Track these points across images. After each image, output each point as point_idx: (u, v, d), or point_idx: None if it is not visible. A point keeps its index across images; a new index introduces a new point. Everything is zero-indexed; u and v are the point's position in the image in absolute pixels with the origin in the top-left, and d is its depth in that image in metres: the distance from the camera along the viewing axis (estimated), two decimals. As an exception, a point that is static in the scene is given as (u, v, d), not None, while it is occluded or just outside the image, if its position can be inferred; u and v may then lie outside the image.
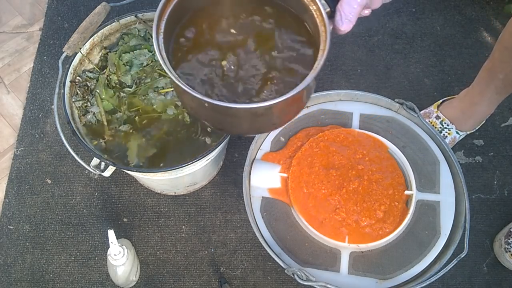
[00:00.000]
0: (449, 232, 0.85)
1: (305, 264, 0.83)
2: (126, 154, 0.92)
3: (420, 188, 0.88)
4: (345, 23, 0.54)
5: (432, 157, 0.91)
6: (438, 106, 1.19)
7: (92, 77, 0.96)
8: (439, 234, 0.85)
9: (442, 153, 0.91)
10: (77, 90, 0.94)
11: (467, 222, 0.82)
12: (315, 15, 0.58)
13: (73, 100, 0.93)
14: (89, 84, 0.95)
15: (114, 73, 0.96)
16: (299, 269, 0.78)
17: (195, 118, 0.88)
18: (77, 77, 0.94)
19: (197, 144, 0.93)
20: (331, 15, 0.55)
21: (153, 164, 0.91)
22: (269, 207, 0.88)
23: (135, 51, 0.97)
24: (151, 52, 0.98)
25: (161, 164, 0.91)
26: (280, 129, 0.95)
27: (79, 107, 0.94)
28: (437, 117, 1.14)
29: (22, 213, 1.16)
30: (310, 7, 0.58)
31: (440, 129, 1.13)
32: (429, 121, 1.13)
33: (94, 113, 0.93)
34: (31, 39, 1.39)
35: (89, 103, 0.94)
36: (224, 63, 0.61)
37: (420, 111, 1.08)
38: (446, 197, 0.87)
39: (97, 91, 0.94)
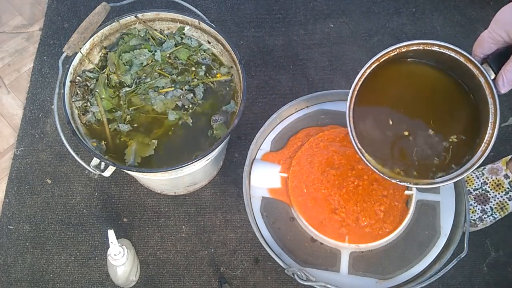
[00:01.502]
0: (449, 232, 0.85)
1: (305, 264, 0.83)
2: (124, 153, 0.92)
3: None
4: (507, 87, 0.57)
5: (432, 157, 0.91)
6: (507, 163, 1.09)
7: (92, 77, 0.96)
8: (439, 234, 0.85)
9: (442, 153, 0.91)
10: (77, 90, 0.94)
11: (467, 222, 0.82)
12: (484, 87, 0.62)
13: (73, 100, 0.93)
14: (89, 84, 0.95)
15: (114, 73, 0.96)
16: (299, 269, 0.78)
17: None
18: (77, 77, 0.94)
19: (196, 145, 0.93)
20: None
21: (149, 164, 0.91)
22: (269, 207, 0.88)
23: (135, 51, 0.97)
24: (151, 52, 0.98)
25: (158, 165, 0.91)
26: (280, 128, 0.95)
27: (79, 107, 0.94)
28: (506, 176, 1.06)
29: (22, 213, 1.16)
30: (478, 78, 0.62)
31: (507, 189, 1.05)
32: (495, 179, 1.08)
33: (94, 113, 0.93)
34: (31, 39, 1.39)
35: (89, 103, 0.94)
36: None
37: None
38: (446, 197, 0.87)
39: (97, 90, 0.94)
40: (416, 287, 0.79)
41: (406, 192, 0.86)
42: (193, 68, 0.99)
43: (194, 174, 1.01)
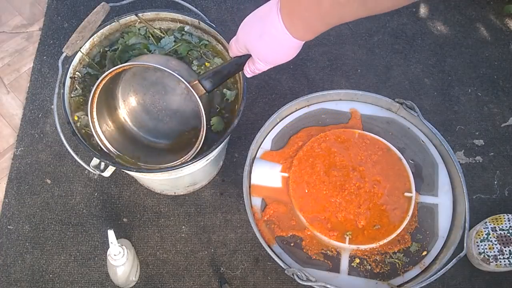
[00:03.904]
0: (448, 233, 0.85)
1: (305, 265, 0.83)
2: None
3: (420, 190, 0.88)
4: (250, 75, 0.69)
5: (431, 160, 0.91)
6: None
7: (92, 73, 0.95)
8: (437, 235, 0.85)
9: (442, 154, 0.91)
10: (76, 86, 0.94)
11: (466, 222, 0.82)
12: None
13: (72, 95, 0.93)
14: (88, 80, 0.95)
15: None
16: (299, 269, 0.78)
17: None
18: (77, 72, 0.94)
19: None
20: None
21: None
22: (269, 207, 0.88)
23: (134, 51, 0.96)
24: (150, 52, 0.97)
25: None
26: (281, 127, 0.95)
27: (79, 101, 0.93)
28: None
29: (22, 213, 1.16)
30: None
31: None
32: None
33: None
34: (31, 39, 1.39)
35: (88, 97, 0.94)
36: None
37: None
38: (444, 200, 0.87)
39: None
40: (416, 287, 0.79)
41: (406, 194, 0.86)
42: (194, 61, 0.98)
43: (194, 174, 1.01)
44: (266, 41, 0.57)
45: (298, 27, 0.52)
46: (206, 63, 0.97)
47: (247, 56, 0.67)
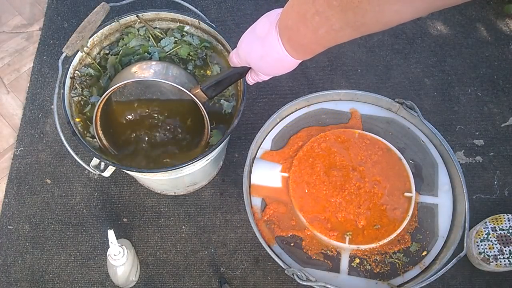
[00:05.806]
0: (448, 233, 0.85)
1: (305, 264, 0.83)
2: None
3: (420, 190, 0.88)
4: (251, 83, 0.74)
5: (431, 160, 0.91)
6: None
7: (93, 74, 0.95)
8: (437, 235, 0.85)
9: (442, 154, 0.91)
10: (76, 85, 0.94)
11: (466, 222, 0.82)
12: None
13: (72, 95, 0.92)
14: (88, 81, 0.95)
15: (114, 77, 0.95)
16: (299, 269, 0.78)
17: None
18: (76, 71, 0.94)
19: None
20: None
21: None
22: (269, 207, 0.88)
23: (134, 56, 0.96)
24: (149, 54, 0.97)
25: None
26: (281, 127, 0.95)
27: (79, 101, 0.93)
28: None
29: (22, 213, 1.16)
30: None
31: None
32: None
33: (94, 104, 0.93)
34: (31, 39, 1.39)
35: (88, 98, 0.94)
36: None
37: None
38: (444, 200, 0.87)
39: (94, 88, 0.94)
40: (416, 287, 0.79)
41: (406, 194, 0.86)
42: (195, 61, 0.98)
43: (194, 174, 1.01)
44: (268, 62, 0.60)
45: (298, 51, 0.57)
46: (208, 71, 0.98)
47: (249, 67, 0.69)
